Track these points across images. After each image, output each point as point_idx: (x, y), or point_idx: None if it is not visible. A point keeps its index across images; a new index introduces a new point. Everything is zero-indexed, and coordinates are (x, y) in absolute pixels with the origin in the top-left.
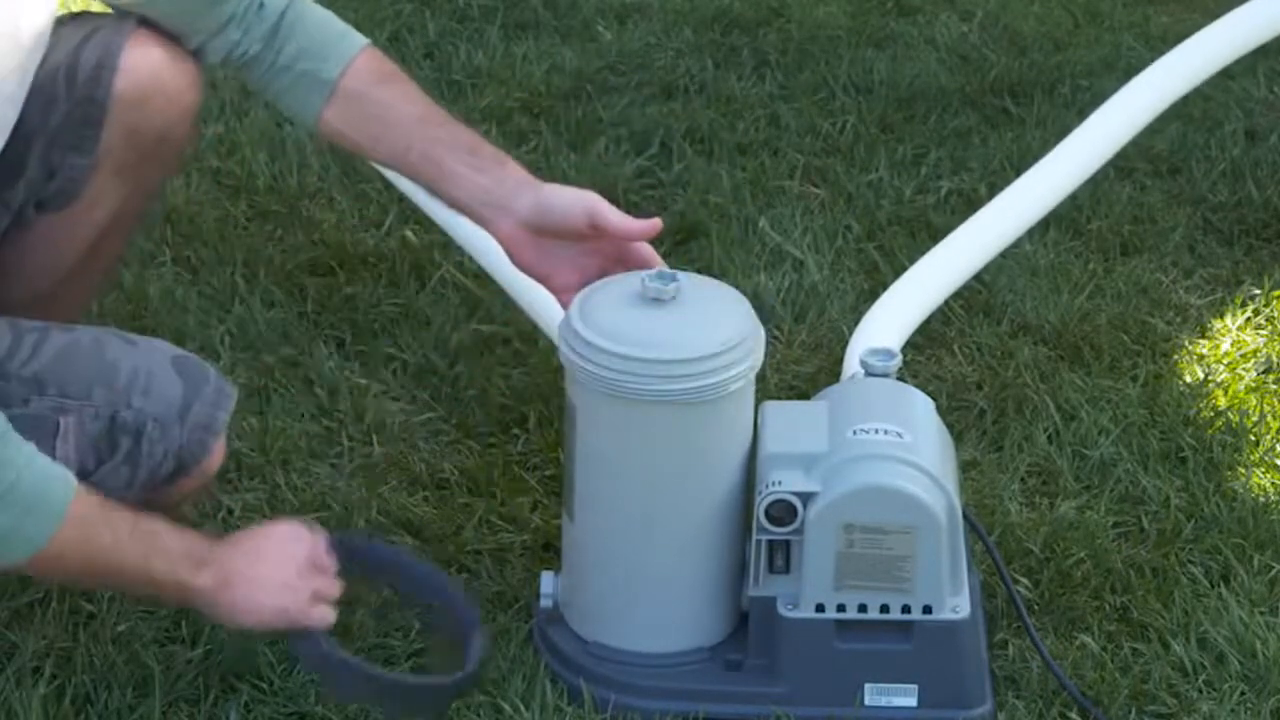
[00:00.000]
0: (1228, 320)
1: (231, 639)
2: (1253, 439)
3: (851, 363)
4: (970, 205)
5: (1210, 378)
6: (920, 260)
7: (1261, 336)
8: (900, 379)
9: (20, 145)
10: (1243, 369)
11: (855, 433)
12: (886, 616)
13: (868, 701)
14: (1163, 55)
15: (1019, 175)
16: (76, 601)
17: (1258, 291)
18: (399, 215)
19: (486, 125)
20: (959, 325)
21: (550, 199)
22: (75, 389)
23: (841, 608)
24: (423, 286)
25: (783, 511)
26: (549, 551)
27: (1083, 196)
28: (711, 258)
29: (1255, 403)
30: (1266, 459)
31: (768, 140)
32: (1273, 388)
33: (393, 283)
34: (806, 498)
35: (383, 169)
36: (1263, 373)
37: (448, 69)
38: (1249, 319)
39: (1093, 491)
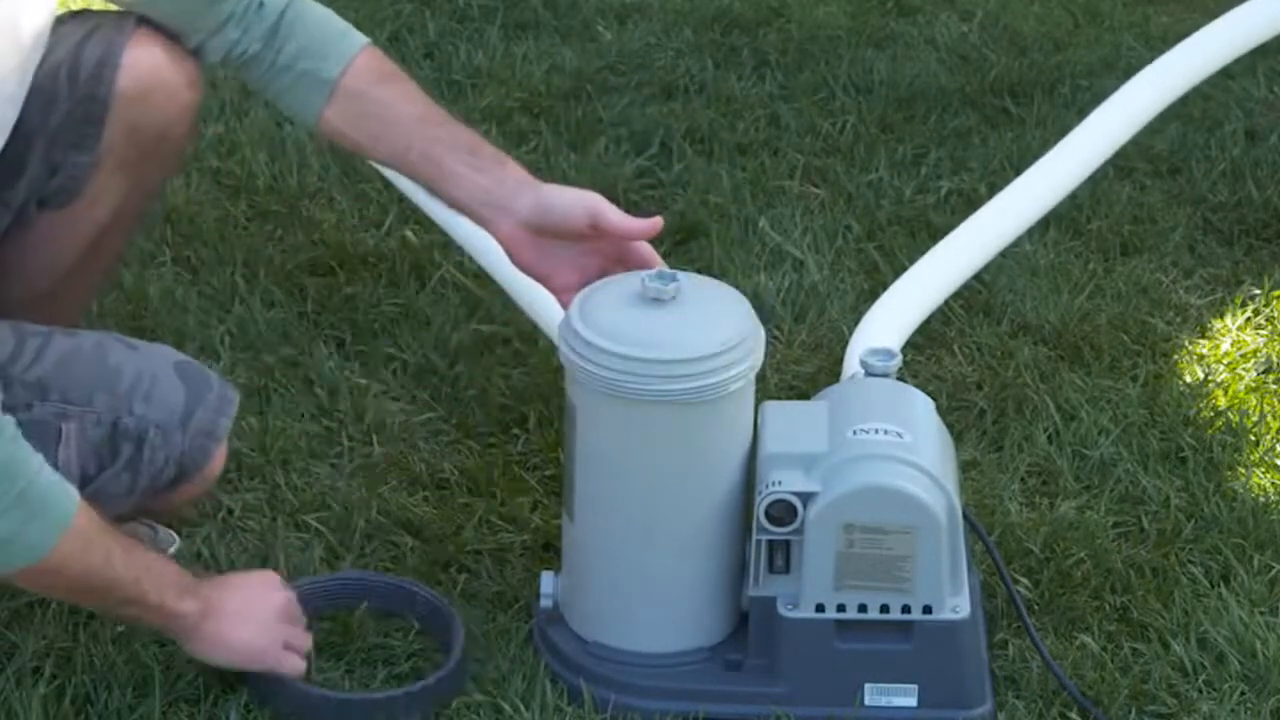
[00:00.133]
0: (1228, 320)
1: (204, 673)
2: (1253, 439)
3: (851, 363)
4: (970, 205)
5: (1210, 378)
6: (920, 260)
7: (1261, 336)
8: (900, 379)
9: (21, 144)
10: (1243, 369)
11: (855, 433)
12: (886, 616)
13: (868, 701)
14: (1162, 55)
15: (1019, 175)
16: None
17: (1258, 291)
18: (399, 215)
19: (486, 125)
20: (959, 325)
21: (550, 199)
22: (77, 394)
23: (841, 608)
24: (423, 286)
25: (783, 511)
26: (549, 551)
27: (1083, 196)
28: (711, 258)
29: (1255, 403)
30: (1266, 459)
31: (768, 140)
32: (1273, 388)
33: (393, 283)
34: (806, 498)
35: (383, 169)
36: (1263, 373)
37: (448, 69)
38: (1249, 319)
39: (1093, 491)
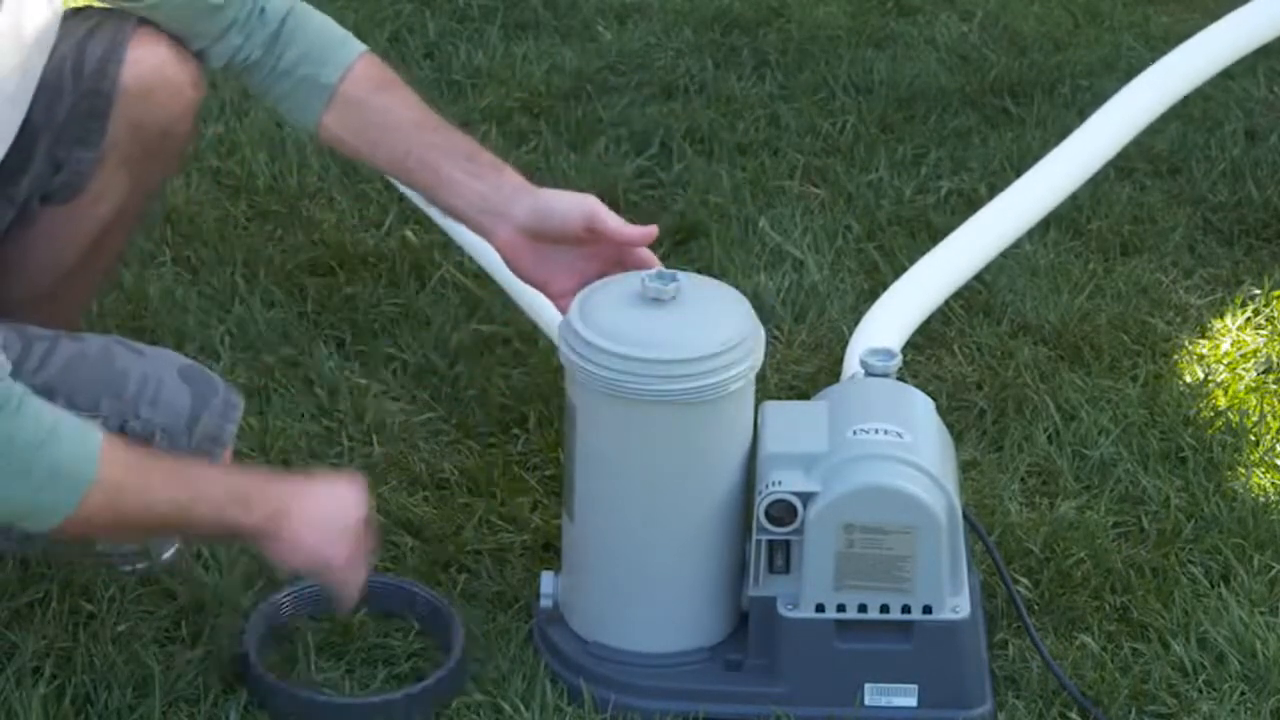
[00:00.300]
0: (1228, 320)
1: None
2: (1253, 439)
3: (851, 363)
4: (970, 205)
5: (1210, 378)
6: (920, 260)
7: (1261, 336)
8: (900, 379)
9: (26, 140)
10: (1243, 369)
11: (855, 433)
12: (886, 616)
13: (868, 701)
14: (1163, 55)
15: (1019, 175)
16: (76, 601)
17: (1258, 291)
18: (399, 215)
19: (486, 125)
20: (959, 325)
21: (548, 204)
22: (83, 399)
23: (841, 608)
24: (423, 286)
25: (783, 511)
26: (549, 551)
27: (1083, 196)
28: (711, 258)
29: (1255, 403)
30: (1266, 459)
31: (768, 140)
32: (1273, 388)
33: (393, 283)
34: (806, 498)
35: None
36: (1263, 373)
37: (448, 69)
38: (1249, 319)
39: (1093, 491)
